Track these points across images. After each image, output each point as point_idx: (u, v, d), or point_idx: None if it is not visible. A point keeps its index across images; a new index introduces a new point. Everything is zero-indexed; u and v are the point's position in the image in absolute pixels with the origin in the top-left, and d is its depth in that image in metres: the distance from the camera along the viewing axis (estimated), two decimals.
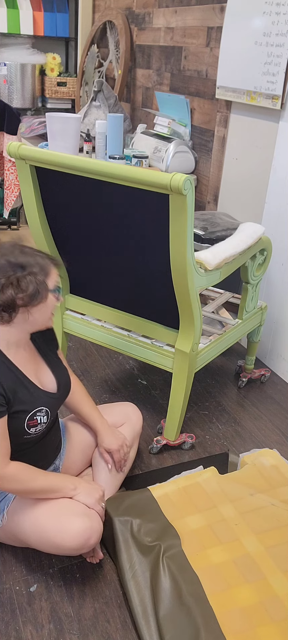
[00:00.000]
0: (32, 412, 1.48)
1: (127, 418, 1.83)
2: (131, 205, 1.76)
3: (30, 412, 1.48)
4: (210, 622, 1.37)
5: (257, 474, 1.88)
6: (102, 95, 3.55)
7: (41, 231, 2.02)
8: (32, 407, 1.48)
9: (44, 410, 1.51)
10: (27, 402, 1.47)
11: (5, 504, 1.52)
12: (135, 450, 1.86)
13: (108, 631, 1.43)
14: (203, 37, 2.97)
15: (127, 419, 1.83)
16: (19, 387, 1.47)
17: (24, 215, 3.22)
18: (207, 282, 1.95)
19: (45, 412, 1.52)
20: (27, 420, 1.47)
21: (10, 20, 4.40)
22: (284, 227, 2.51)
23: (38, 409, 1.50)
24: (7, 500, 1.53)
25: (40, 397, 1.51)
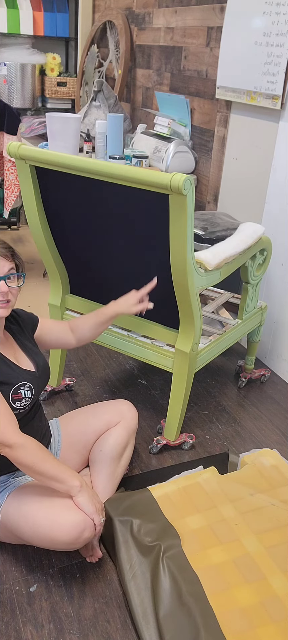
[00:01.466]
0: (16, 385, 1.52)
1: (122, 416, 1.82)
2: (131, 205, 1.76)
3: (14, 385, 1.51)
4: (210, 622, 1.37)
5: (257, 474, 1.88)
6: (102, 95, 3.56)
7: (41, 231, 2.02)
8: (15, 381, 1.52)
9: (28, 385, 1.55)
10: (10, 375, 1.52)
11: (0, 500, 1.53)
12: (131, 448, 1.85)
13: (108, 631, 1.43)
14: (203, 37, 2.97)
15: (122, 416, 1.82)
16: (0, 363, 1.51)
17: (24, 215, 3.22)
18: (207, 282, 1.95)
19: (28, 387, 1.55)
20: (12, 393, 1.50)
21: (10, 20, 4.40)
22: (284, 227, 2.51)
23: (21, 383, 1.53)
24: (2, 497, 1.53)
25: (22, 372, 1.56)
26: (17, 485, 1.56)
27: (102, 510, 1.52)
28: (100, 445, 1.77)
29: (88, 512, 1.47)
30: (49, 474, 1.46)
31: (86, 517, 1.46)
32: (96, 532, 1.50)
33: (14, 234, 4.28)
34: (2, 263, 1.50)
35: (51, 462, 1.47)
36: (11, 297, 1.53)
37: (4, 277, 1.50)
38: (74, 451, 1.78)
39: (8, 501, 1.53)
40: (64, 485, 1.47)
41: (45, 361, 1.69)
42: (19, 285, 1.56)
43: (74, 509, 1.46)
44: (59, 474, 1.47)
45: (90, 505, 1.47)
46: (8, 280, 1.51)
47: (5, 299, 1.51)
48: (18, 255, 1.58)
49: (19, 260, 1.57)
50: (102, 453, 1.75)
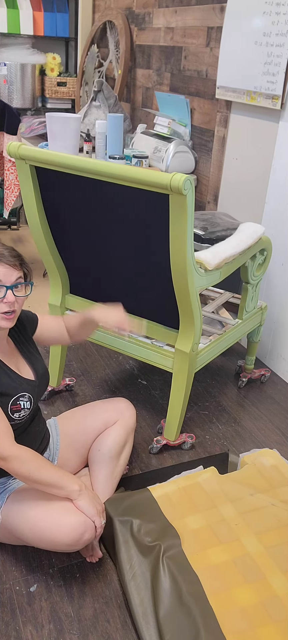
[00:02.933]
0: (15, 396, 1.50)
1: (120, 414, 1.82)
2: (131, 205, 1.76)
3: (13, 396, 1.50)
4: (210, 622, 1.37)
5: (257, 474, 1.88)
6: (102, 95, 3.56)
7: (41, 231, 2.02)
8: (15, 392, 1.51)
9: (27, 395, 1.54)
10: (9, 386, 1.50)
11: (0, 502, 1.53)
12: (130, 447, 1.85)
13: (108, 631, 1.43)
14: (203, 37, 2.97)
15: (120, 415, 1.82)
16: (0, 373, 1.49)
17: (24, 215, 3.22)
18: (207, 282, 1.95)
19: (28, 398, 1.54)
20: (11, 404, 1.49)
21: (10, 20, 4.40)
22: (284, 227, 2.51)
23: (21, 394, 1.52)
24: (2, 498, 1.53)
25: (22, 383, 1.54)
26: (17, 486, 1.56)
27: (103, 511, 1.52)
28: (98, 445, 1.77)
29: (89, 514, 1.46)
30: (46, 481, 1.45)
31: (87, 518, 1.46)
32: (97, 534, 1.50)
33: (14, 234, 4.28)
34: (9, 272, 1.46)
35: (48, 470, 1.46)
36: (17, 306, 1.49)
37: (11, 287, 1.46)
38: (73, 451, 1.78)
39: (8, 502, 1.53)
40: (63, 490, 1.47)
41: (44, 367, 1.68)
42: (27, 294, 1.52)
43: (74, 511, 1.46)
44: (56, 480, 1.46)
45: (91, 508, 1.47)
46: (15, 289, 1.47)
47: (12, 309, 1.47)
48: (27, 263, 1.54)
49: (27, 268, 1.53)
50: (101, 453, 1.75)
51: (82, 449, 1.80)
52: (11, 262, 1.47)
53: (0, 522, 1.53)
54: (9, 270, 1.46)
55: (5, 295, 1.45)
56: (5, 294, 1.45)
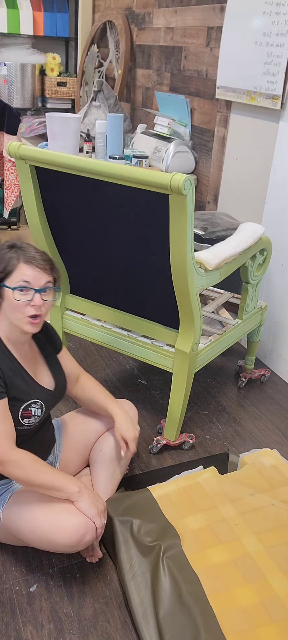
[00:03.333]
0: (28, 402, 1.50)
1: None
2: (131, 205, 1.76)
3: (25, 402, 1.49)
4: (210, 622, 1.37)
5: (257, 474, 1.88)
6: (102, 95, 3.55)
7: (41, 231, 2.02)
8: (27, 398, 1.50)
9: (39, 403, 1.53)
10: (23, 391, 1.49)
11: (1, 502, 1.53)
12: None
13: (108, 631, 1.43)
14: (203, 37, 2.97)
15: None
16: (16, 375, 1.49)
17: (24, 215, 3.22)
18: (207, 282, 1.95)
19: (40, 406, 1.53)
20: (22, 409, 1.49)
21: (10, 20, 4.40)
22: (284, 227, 2.51)
23: (33, 401, 1.51)
24: (3, 499, 1.53)
25: (37, 390, 1.53)
26: (19, 487, 1.56)
27: (104, 511, 1.52)
28: (100, 446, 1.77)
29: (90, 515, 1.46)
30: (45, 484, 1.45)
31: (88, 520, 1.46)
32: (97, 534, 1.50)
33: (14, 234, 4.28)
34: (39, 275, 1.44)
35: (46, 473, 1.46)
36: (43, 311, 1.47)
37: (39, 290, 1.44)
38: (75, 451, 1.78)
39: (10, 503, 1.52)
40: (62, 492, 1.47)
41: (64, 382, 1.67)
42: (54, 299, 1.52)
43: (75, 512, 1.46)
44: (55, 483, 1.46)
45: (91, 508, 1.47)
46: (44, 293, 1.46)
47: (38, 313, 1.45)
48: (57, 268, 1.52)
49: (57, 274, 1.52)
50: (103, 453, 1.75)
51: (84, 449, 1.80)
52: (41, 266, 1.45)
53: (1, 522, 1.53)
54: (39, 274, 1.45)
55: (32, 298, 1.43)
56: (33, 296, 1.44)
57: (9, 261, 1.44)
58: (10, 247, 1.47)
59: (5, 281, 1.44)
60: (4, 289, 1.44)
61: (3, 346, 1.50)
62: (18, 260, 1.44)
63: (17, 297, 1.43)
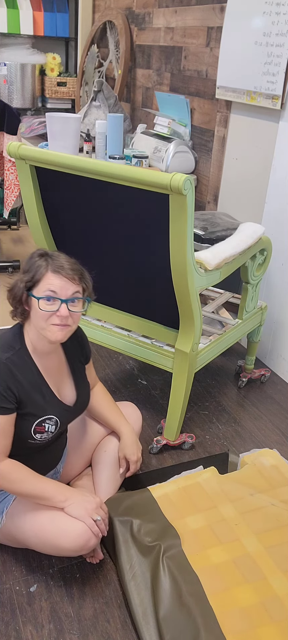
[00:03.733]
0: (42, 418, 1.48)
1: (127, 418, 1.83)
2: (131, 205, 1.76)
3: (40, 417, 1.47)
4: (210, 622, 1.37)
5: (257, 474, 1.88)
6: (102, 95, 3.56)
7: (41, 231, 2.02)
8: (42, 413, 1.48)
9: (54, 419, 1.51)
10: (39, 407, 1.47)
11: (5, 505, 1.52)
12: None
13: (108, 631, 1.43)
14: (203, 37, 2.97)
15: (127, 418, 1.83)
16: (35, 389, 1.47)
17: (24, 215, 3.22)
18: (207, 282, 1.95)
19: (54, 422, 1.51)
20: (35, 424, 1.47)
21: (10, 20, 4.40)
22: (284, 227, 2.51)
23: (48, 417, 1.49)
24: (7, 502, 1.52)
25: (54, 405, 1.51)
26: None
27: (95, 508, 1.48)
28: (104, 446, 1.77)
29: (79, 518, 1.45)
30: (32, 494, 1.45)
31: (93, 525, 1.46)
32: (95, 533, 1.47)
33: (14, 234, 4.28)
34: (67, 285, 1.41)
35: (30, 483, 1.45)
36: (71, 321, 1.44)
37: (66, 300, 1.41)
38: (79, 453, 1.78)
39: (13, 506, 1.51)
40: (49, 502, 1.46)
41: (87, 396, 1.66)
42: (83, 310, 1.48)
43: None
44: (40, 493, 1.45)
45: (79, 510, 1.46)
46: (71, 303, 1.43)
47: (63, 324, 1.42)
48: (87, 278, 1.49)
49: (86, 284, 1.48)
50: (107, 454, 1.75)
51: (88, 450, 1.80)
52: (69, 275, 1.42)
53: (4, 524, 1.52)
54: (66, 284, 1.41)
55: (58, 309, 1.41)
56: (59, 307, 1.41)
57: (37, 270, 1.42)
58: (40, 255, 1.45)
59: (32, 290, 1.42)
60: (31, 298, 1.43)
61: (28, 357, 1.47)
62: (46, 269, 1.42)
63: (43, 306, 1.40)
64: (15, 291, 1.45)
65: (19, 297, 1.44)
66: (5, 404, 1.40)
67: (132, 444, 1.74)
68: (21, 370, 1.44)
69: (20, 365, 1.45)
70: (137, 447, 1.75)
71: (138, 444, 1.77)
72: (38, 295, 1.41)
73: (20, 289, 1.43)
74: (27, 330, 1.49)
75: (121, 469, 1.73)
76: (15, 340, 1.48)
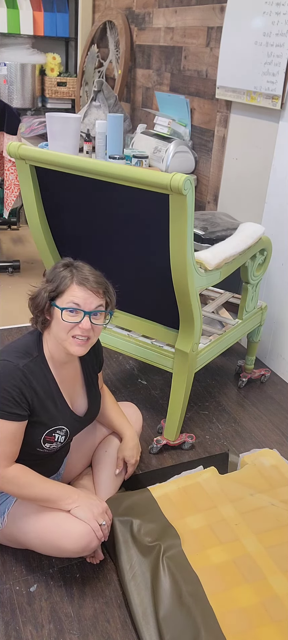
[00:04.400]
0: (53, 428, 1.48)
1: (128, 418, 1.84)
2: (131, 205, 1.76)
3: (51, 427, 1.47)
4: (210, 622, 1.37)
5: (257, 474, 1.88)
6: (102, 95, 3.56)
7: (41, 231, 2.02)
8: (53, 424, 1.48)
9: (65, 430, 1.51)
10: (51, 416, 1.47)
11: (6, 506, 1.52)
12: None
13: (108, 631, 1.43)
14: (203, 37, 2.97)
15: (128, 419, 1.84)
16: (49, 398, 1.46)
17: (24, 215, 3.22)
18: (207, 282, 1.95)
19: (65, 432, 1.52)
20: (46, 434, 1.47)
21: (10, 20, 4.40)
22: (284, 227, 2.51)
23: (59, 427, 1.49)
24: (8, 503, 1.52)
25: (66, 416, 1.51)
26: None
27: (102, 513, 1.50)
28: (105, 446, 1.78)
29: (86, 520, 1.46)
30: (39, 497, 1.45)
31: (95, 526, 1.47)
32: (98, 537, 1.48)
33: (14, 234, 4.28)
34: (91, 298, 1.41)
35: (40, 486, 1.45)
36: (92, 334, 1.45)
37: (89, 313, 1.41)
38: (81, 453, 1.78)
39: (15, 507, 1.51)
40: (56, 504, 1.47)
41: (98, 407, 1.67)
42: (105, 323, 1.49)
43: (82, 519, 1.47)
44: (48, 496, 1.46)
45: (86, 513, 1.46)
46: (94, 316, 1.43)
47: (85, 335, 1.42)
48: (111, 292, 1.49)
49: (110, 297, 1.49)
50: (107, 454, 1.75)
51: (89, 450, 1.80)
52: (94, 289, 1.42)
53: (5, 525, 1.52)
54: (90, 297, 1.41)
55: (81, 321, 1.41)
56: (82, 319, 1.41)
57: (62, 280, 1.42)
58: (65, 265, 1.45)
59: (56, 300, 1.42)
60: (54, 308, 1.43)
61: (45, 365, 1.47)
62: (71, 280, 1.42)
63: (66, 317, 1.40)
64: (38, 300, 1.44)
65: (42, 307, 1.43)
66: (18, 410, 1.39)
67: (133, 447, 1.74)
68: (37, 378, 1.44)
69: (37, 373, 1.44)
70: (137, 450, 1.76)
71: (138, 448, 1.78)
72: (61, 306, 1.40)
73: (43, 298, 1.42)
74: (46, 338, 1.49)
75: (117, 469, 1.74)
76: (34, 347, 1.47)
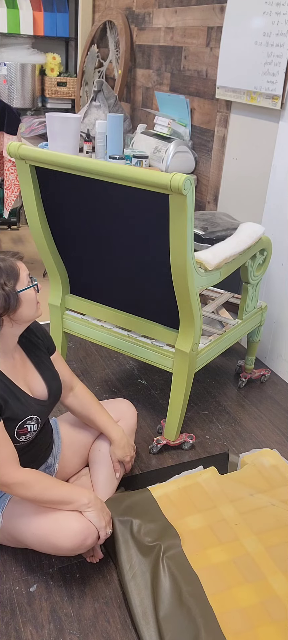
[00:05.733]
0: (23, 420, 1.48)
1: (122, 415, 1.83)
2: (131, 205, 1.76)
3: (20, 420, 1.47)
4: (210, 622, 1.37)
5: (257, 474, 1.88)
6: (102, 95, 3.55)
7: (41, 231, 2.02)
8: (22, 416, 1.47)
9: (35, 418, 1.51)
10: (17, 411, 1.46)
11: (2, 505, 1.52)
12: None
13: (108, 631, 1.43)
14: (203, 37, 2.97)
15: (122, 415, 1.83)
16: (9, 395, 1.45)
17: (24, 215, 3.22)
18: (207, 282, 1.95)
19: (35, 420, 1.51)
20: (17, 428, 1.47)
21: (10, 20, 4.40)
22: (284, 227, 2.51)
23: (29, 418, 1.49)
24: (3, 503, 1.52)
25: (31, 405, 1.50)
26: None
27: (109, 522, 1.52)
28: (99, 445, 1.77)
29: (98, 526, 1.47)
30: (55, 500, 1.46)
31: (90, 524, 1.47)
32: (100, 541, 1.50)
33: (14, 234, 4.28)
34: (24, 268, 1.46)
35: (55, 488, 1.46)
36: None
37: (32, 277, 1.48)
38: (73, 451, 1.78)
39: (10, 506, 1.52)
40: (72, 505, 1.47)
41: (59, 385, 1.64)
42: None
43: (77, 516, 1.46)
44: (65, 497, 1.46)
45: (99, 520, 1.48)
46: None
47: None
48: None
49: None
50: (101, 453, 1.75)
51: (83, 448, 1.79)
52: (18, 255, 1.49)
53: (1, 524, 1.52)
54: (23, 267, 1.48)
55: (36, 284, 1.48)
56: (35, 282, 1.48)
57: (9, 268, 1.41)
58: None
59: (16, 286, 1.41)
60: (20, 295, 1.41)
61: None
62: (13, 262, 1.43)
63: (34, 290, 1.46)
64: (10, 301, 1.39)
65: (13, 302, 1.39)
66: None
67: (123, 446, 1.74)
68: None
69: None
70: (129, 447, 1.75)
71: (129, 443, 1.77)
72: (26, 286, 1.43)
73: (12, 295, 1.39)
74: None
75: (117, 473, 1.74)
76: None
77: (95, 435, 1.80)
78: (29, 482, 1.43)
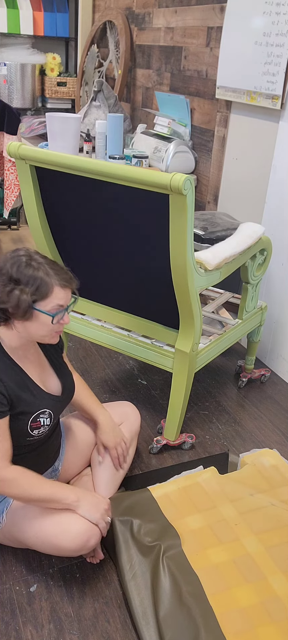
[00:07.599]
0: (36, 413, 1.48)
1: (125, 417, 1.84)
2: (131, 205, 1.76)
3: (33, 413, 1.47)
4: (210, 622, 1.37)
5: (257, 474, 1.88)
6: (102, 95, 3.55)
7: (41, 231, 2.02)
8: (35, 409, 1.48)
9: (48, 412, 1.51)
10: (30, 403, 1.47)
11: (5, 505, 1.52)
12: (133, 449, 1.86)
13: (108, 631, 1.43)
14: (203, 37, 2.97)
15: (125, 418, 1.84)
16: (22, 388, 1.46)
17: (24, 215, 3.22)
18: (207, 282, 1.95)
19: (48, 415, 1.51)
20: (30, 421, 1.47)
21: (10, 20, 4.40)
22: (284, 227, 2.51)
23: (41, 411, 1.49)
24: (7, 502, 1.52)
25: (44, 399, 1.51)
26: None
27: (108, 509, 1.51)
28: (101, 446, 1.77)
29: (93, 520, 1.46)
30: (42, 498, 1.45)
31: (92, 525, 1.46)
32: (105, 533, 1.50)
33: (14, 234, 4.28)
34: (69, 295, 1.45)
35: (42, 487, 1.45)
36: None
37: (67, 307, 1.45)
38: (77, 452, 1.78)
39: (13, 506, 1.52)
40: (60, 504, 1.46)
41: (72, 382, 1.66)
42: None
43: (80, 517, 1.46)
44: (52, 495, 1.45)
45: (93, 513, 1.47)
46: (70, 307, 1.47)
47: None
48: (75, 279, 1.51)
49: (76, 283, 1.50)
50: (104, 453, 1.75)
51: (86, 449, 1.80)
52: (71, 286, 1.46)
53: (4, 524, 1.52)
54: (69, 294, 1.45)
55: (63, 317, 1.44)
56: (63, 315, 1.44)
57: (41, 283, 1.38)
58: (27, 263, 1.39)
59: (37, 304, 1.39)
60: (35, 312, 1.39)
61: (8, 358, 1.46)
62: (52, 284, 1.40)
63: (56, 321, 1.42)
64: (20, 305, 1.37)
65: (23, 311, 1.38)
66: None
67: (109, 431, 1.73)
68: (5, 372, 1.44)
69: (3, 368, 1.44)
70: (114, 434, 1.74)
71: (116, 431, 1.75)
72: (48, 311, 1.40)
73: (24, 302, 1.37)
74: (3, 333, 1.46)
75: (100, 457, 1.73)
76: None
77: None
78: (17, 479, 1.42)
